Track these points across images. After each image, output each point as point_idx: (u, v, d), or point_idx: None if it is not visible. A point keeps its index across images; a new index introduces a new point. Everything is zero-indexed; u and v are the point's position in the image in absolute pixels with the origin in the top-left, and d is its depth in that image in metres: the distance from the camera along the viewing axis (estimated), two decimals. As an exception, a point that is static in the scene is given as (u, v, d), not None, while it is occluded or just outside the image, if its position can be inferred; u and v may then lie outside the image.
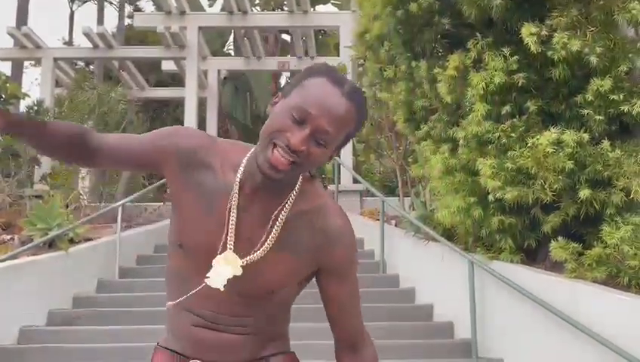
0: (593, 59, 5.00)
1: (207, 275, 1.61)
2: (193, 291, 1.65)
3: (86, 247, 8.21)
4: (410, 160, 9.14)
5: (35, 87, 14.37)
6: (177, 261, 1.71)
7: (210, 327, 1.69)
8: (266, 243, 1.62)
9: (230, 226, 1.62)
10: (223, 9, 14.08)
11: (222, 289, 1.60)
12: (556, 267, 5.33)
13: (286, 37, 18.57)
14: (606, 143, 5.08)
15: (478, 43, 5.72)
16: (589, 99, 5.11)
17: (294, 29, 14.30)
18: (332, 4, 18.83)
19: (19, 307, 6.82)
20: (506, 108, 5.49)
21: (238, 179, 1.62)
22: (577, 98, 5.26)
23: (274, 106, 1.60)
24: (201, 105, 14.06)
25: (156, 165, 1.74)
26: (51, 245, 7.81)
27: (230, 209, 1.62)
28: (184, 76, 13.36)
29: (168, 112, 19.67)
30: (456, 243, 6.34)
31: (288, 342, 1.85)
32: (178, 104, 16.96)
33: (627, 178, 4.90)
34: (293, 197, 1.64)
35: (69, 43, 21.45)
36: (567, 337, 4.88)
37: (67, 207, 9.12)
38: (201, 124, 13.87)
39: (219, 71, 15.20)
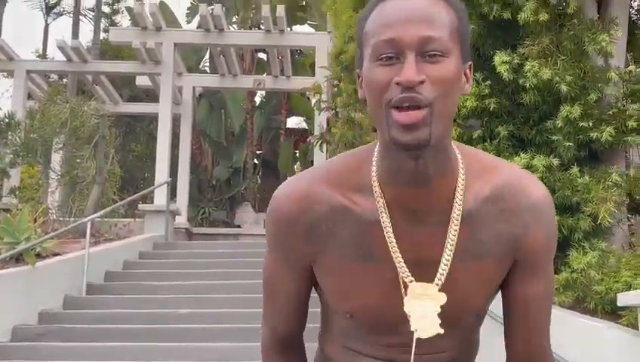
0: (563, 88, 5.09)
1: (413, 329, 1.23)
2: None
3: (53, 262, 8.11)
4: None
5: (7, 99, 14.21)
6: (347, 322, 1.35)
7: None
8: (446, 251, 1.23)
9: (396, 258, 1.23)
10: (199, 26, 14.09)
11: (442, 331, 1.22)
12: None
13: (262, 56, 18.61)
14: (575, 169, 5.15)
15: (451, 67, 5.80)
16: (559, 126, 5.19)
17: (271, 48, 14.34)
18: (309, 24, 18.94)
19: (-17, 322, 6.71)
20: (478, 132, 5.56)
21: (377, 193, 1.24)
22: (547, 124, 5.34)
23: (361, 80, 1.22)
24: (175, 121, 14.01)
25: (310, 268, 1.35)
26: (18, 259, 7.69)
27: (387, 233, 1.23)
28: (158, 92, 13.31)
29: (142, 127, 19.55)
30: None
31: None
32: (152, 120, 16.88)
33: (595, 204, 4.97)
34: (462, 179, 1.24)
35: (43, 56, 21.27)
36: None
37: (35, 221, 8.99)
38: (175, 140, 13.81)
39: (194, 87, 15.17)
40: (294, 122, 21.48)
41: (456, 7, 1.20)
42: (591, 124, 5.11)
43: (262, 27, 13.87)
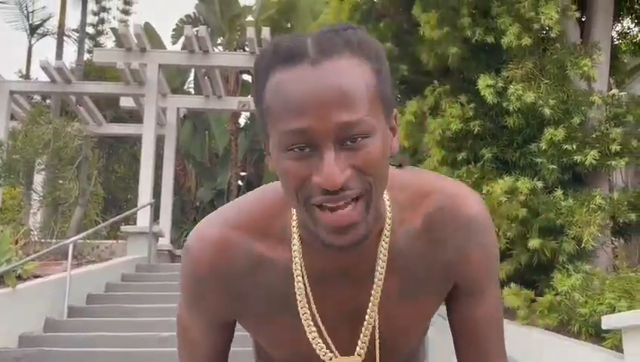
0: (547, 111, 5.12)
1: None
2: None
3: (34, 284, 8.00)
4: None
5: (-11, 119, 14.16)
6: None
7: None
8: (369, 313, 1.13)
9: (305, 321, 1.12)
10: (184, 47, 14.11)
11: None
12: (508, 313, 5.36)
13: (247, 77, 18.66)
14: (559, 192, 5.18)
15: (435, 90, 5.83)
16: (543, 148, 5.22)
17: (255, 70, 14.37)
18: (293, 46, 19.02)
19: (-39, 346, 6.59)
20: (462, 155, 5.58)
21: (294, 251, 1.11)
22: (531, 146, 5.37)
23: (270, 160, 1.05)
24: (159, 142, 13.96)
25: (232, 322, 1.25)
26: (-2, 281, 7.59)
27: (300, 302, 1.12)
28: (142, 113, 13.27)
29: (125, 149, 19.49)
30: (411, 287, 6.35)
31: None
32: (135, 141, 16.83)
33: (579, 227, 4.99)
34: (388, 230, 1.11)
35: (27, 76, 21.20)
36: (520, 384, 4.89)
37: (17, 242, 8.89)
38: (159, 161, 13.76)
39: (178, 109, 15.15)
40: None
41: (370, 56, 1.03)
42: (575, 147, 5.14)
43: (247, 49, 13.90)
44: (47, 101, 18.30)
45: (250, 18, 18.33)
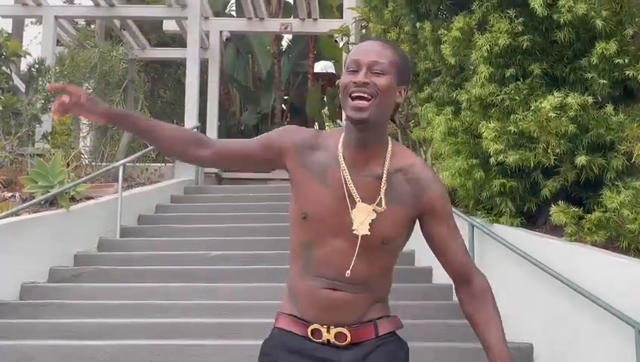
0: (599, 23, 4.96)
1: (354, 227, 1.97)
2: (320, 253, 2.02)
3: (87, 206, 8.23)
4: (412, 123, 9.11)
5: (36, 45, 14.26)
6: (302, 233, 2.04)
7: (331, 287, 2.00)
8: (381, 195, 1.99)
9: (350, 186, 1.99)
10: (225, -31, 13.91)
11: (368, 233, 1.97)
12: (556, 231, 5.35)
13: (289, -2, 18.39)
14: (609, 107, 5.06)
15: (483, 4, 5.67)
16: (594, 63, 5.08)
17: (297, -10, 14.15)
18: (336, -35, 18.60)
19: (20, 264, 6.87)
20: (510, 71, 5.46)
21: (340, 150, 2.03)
22: (582, 61, 5.23)
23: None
24: (203, 66, 13.97)
25: (273, 161, 2.11)
26: (52, 203, 7.82)
27: (343, 172, 2.00)
28: (185, 37, 13.25)
29: (170, 74, 19.56)
30: (456, 206, 6.35)
31: (389, 309, 2.13)
32: (179, 65, 16.87)
33: (629, 142, 4.90)
34: (389, 156, 2.03)
35: (71, 1, 21.23)
36: (567, 300, 4.92)
37: (68, 165, 9.11)
38: (203, 86, 13.79)
39: (220, 32, 15.06)
40: (322, 66, 21.32)
41: (398, 51, 2.05)
42: (627, 60, 4.99)
43: (289, -31, 13.65)
44: (92, 26, 18.37)
45: (291, -63, 17.91)
